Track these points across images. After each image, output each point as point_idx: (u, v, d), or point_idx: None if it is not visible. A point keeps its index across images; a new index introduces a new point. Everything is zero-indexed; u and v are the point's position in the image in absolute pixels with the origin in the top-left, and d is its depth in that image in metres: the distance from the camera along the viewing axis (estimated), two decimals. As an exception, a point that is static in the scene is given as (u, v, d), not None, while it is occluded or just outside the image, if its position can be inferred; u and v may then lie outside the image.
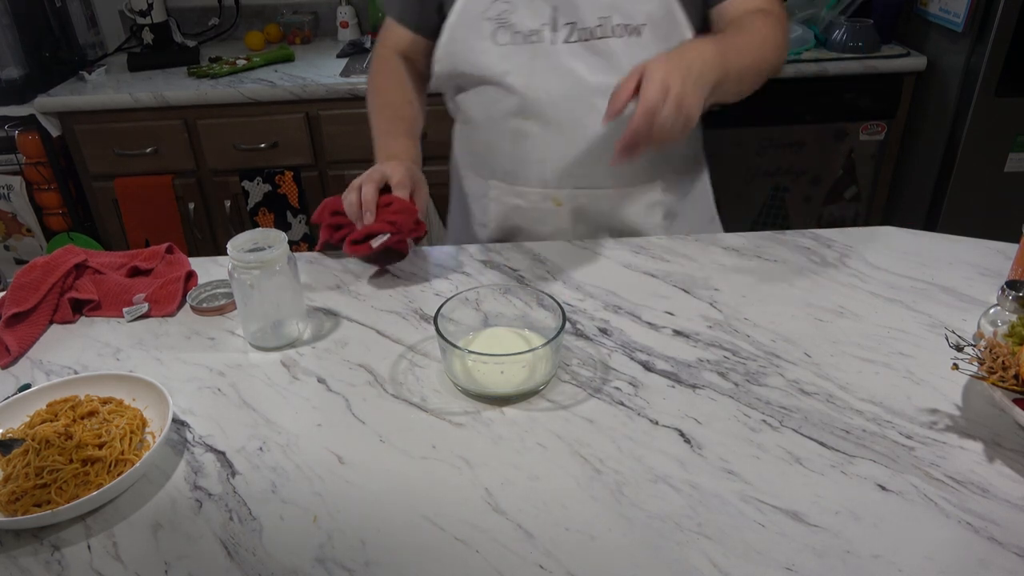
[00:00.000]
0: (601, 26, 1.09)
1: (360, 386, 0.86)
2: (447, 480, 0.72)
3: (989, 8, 2.04)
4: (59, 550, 0.66)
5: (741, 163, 2.36)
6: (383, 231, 1.01)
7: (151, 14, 2.37)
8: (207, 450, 0.77)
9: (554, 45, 1.11)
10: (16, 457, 0.74)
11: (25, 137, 2.16)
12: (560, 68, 1.12)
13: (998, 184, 2.26)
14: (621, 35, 1.10)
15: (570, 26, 1.09)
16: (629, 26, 1.09)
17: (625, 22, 1.09)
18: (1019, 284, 0.84)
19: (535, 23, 1.10)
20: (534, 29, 1.11)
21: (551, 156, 1.18)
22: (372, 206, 1.02)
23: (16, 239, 2.35)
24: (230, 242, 0.89)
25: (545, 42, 1.11)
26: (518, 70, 1.14)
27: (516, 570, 0.63)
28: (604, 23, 1.09)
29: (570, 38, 1.10)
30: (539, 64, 1.13)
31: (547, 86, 1.14)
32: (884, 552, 0.63)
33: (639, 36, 1.10)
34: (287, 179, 2.26)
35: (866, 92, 2.26)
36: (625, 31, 1.09)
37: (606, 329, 0.94)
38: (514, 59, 1.13)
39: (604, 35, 1.10)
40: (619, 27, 1.09)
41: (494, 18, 1.11)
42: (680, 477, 0.71)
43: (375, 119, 1.22)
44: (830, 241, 1.13)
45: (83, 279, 1.03)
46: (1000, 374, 0.72)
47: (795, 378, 0.84)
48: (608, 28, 1.09)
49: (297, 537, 0.67)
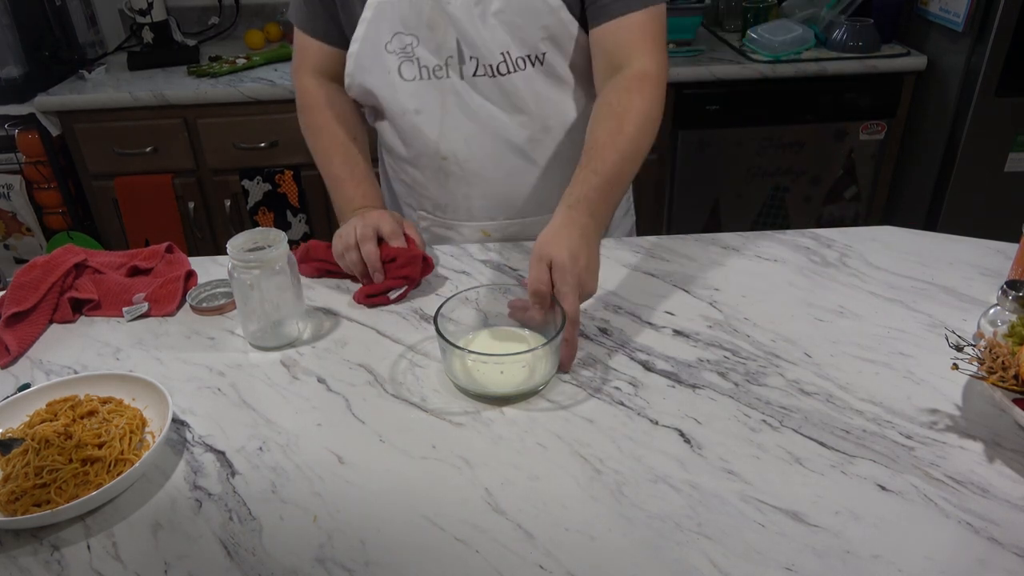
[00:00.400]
0: (504, 62, 1.06)
1: (360, 386, 0.86)
2: (447, 480, 0.72)
3: (989, 8, 2.04)
4: (59, 550, 0.66)
5: (741, 163, 2.36)
6: (399, 285, 1.01)
7: (151, 13, 2.37)
8: (207, 450, 0.77)
9: (463, 80, 1.09)
10: (16, 457, 0.74)
11: (25, 136, 2.16)
12: (470, 107, 1.10)
13: (998, 184, 2.26)
14: (524, 67, 1.07)
15: (475, 60, 1.07)
16: (531, 56, 1.07)
17: (525, 53, 1.06)
18: (1019, 284, 0.84)
19: (439, 58, 1.07)
20: (439, 64, 1.08)
21: (474, 193, 1.18)
22: (379, 266, 1.01)
23: (16, 238, 2.35)
24: (230, 242, 0.88)
25: (452, 78, 1.09)
26: (430, 110, 1.11)
27: (516, 570, 0.63)
28: (506, 58, 1.06)
29: (477, 72, 1.08)
30: (450, 102, 1.10)
31: (461, 127, 1.12)
32: (884, 552, 0.63)
33: (543, 64, 1.08)
34: (287, 178, 2.26)
35: (866, 92, 2.26)
36: (527, 62, 1.07)
37: (606, 329, 0.94)
38: (424, 97, 1.10)
39: (508, 71, 1.07)
40: (520, 59, 1.07)
41: (398, 51, 1.08)
42: (680, 477, 0.71)
43: (325, 165, 1.16)
44: (830, 241, 1.13)
45: (83, 279, 1.03)
46: (1000, 374, 0.72)
47: (795, 378, 0.84)
48: (511, 63, 1.06)
49: (297, 537, 0.67)
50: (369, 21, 1.07)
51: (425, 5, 1.04)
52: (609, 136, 0.97)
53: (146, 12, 2.37)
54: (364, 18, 1.07)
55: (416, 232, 1.06)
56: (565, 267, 0.83)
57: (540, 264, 0.84)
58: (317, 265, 1.08)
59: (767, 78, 2.20)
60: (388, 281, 1.01)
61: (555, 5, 1.03)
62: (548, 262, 0.84)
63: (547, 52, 1.07)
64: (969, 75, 2.13)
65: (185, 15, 2.64)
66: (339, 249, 1.03)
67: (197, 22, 2.67)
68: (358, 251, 1.02)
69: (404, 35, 1.06)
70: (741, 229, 1.18)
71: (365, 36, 1.08)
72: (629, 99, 1.00)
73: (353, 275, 1.05)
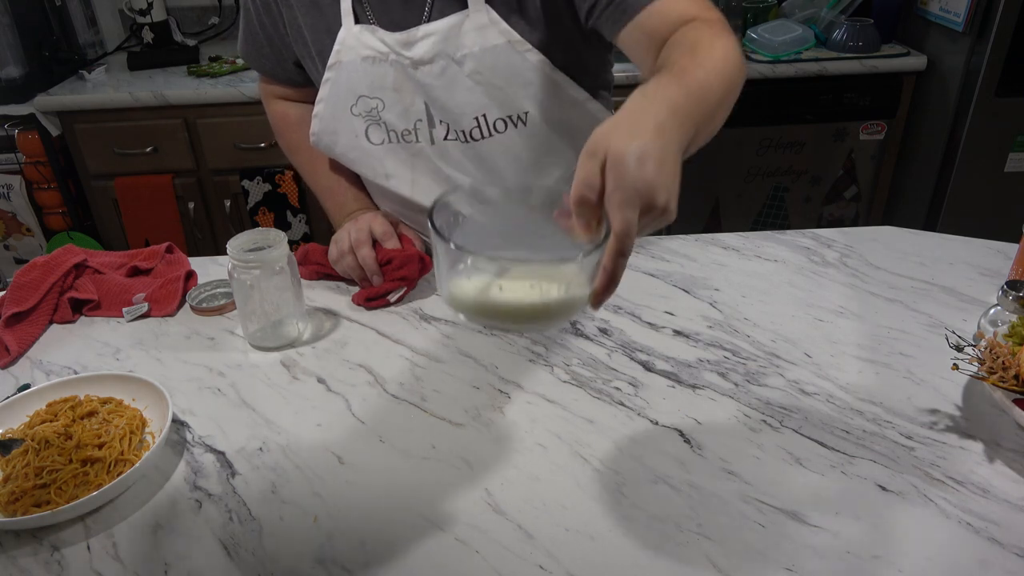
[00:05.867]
0: (478, 127, 0.98)
1: (360, 386, 0.86)
2: (447, 480, 0.72)
3: (989, 8, 2.03)
4: (59, 550, 0.66)
5: (741, 163, 2.36)
6: (398, 287, 1.01)
7: (151, 13, 2.37)
8: (207, 450, 0.77)
9: (434, 145, 1.02)
10: (16, 457, 0.74)
11: (25, 136, 2.16)
12: (443, 173, 1.04)
13: (998, 184, 2.26)
14: (503, 129, 0.98)
15: (446, 124, 0.99)
16: (512, 116, 0.98)
17: (506, 114, 0.97)
18: (1019, 284, 0.84)
19: (408, 122, 1.01)
20: (408, 129, 1.01)
21: None
22: (377, 269, 1.00)
23: (16, 238, 2.35)
24: (230, 242, 0.88)
25: (423, 143, 1.02)
26: (400, 175, 1.06)
27: (516, 570, 0.63)
28: (480, 123, 0.98)
29: (448, 136, 1.00)
30: (420, 167, 1.05)
31: (434, 191, 1.04)
32: (884, 552, 0.63)
33: (524, 125, 0.99)
34: (287, 178, 2.26)
35: (866, 92, 2.26)
36: (507, 123, 0.98)
37: (606, 329, 0.94)
38: (393, 160, 1.05)
39: (483, 136, 0.99)
40: (499, 121, 0.98)
41: (363, 114, 1.01)
42: (680, 477, 0.71)
43: (312, 179, 1.15)
44: (830, 241, 1.13)
45: (83, 279, 1.03)
46: (1000, 374, 0.72)
47: (795, 378, 0.84)
48: (486, 128, 0.98)
49: (297, 537, 0.67)
50: (332, 82, 1.01)
51: (389, 69, 0.97)
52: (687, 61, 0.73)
53: (146, 12, 2.37)
54: (327, 79, 1.01)
55: (412, 232, 1.06)
56: (626, 165, 0.56)
57: (592, 161, 0.58)
58: (315, 268, 1.08)
59: (767, 78, 2.20)
60: (386, 283, 1.01)
61: (535, 61, 0.94)
62: (603, 158, 0.58)
63: (530, 111, 0.98)
64: (969, 75, 2.13)
65: (185, 15, 2.64)
66: (335, 255, 1.03)
67: (197, 22, 2.67)
68: (354, 256, 1.01)
69: (368, 98, 1.00)
70: (741, 229, 1.18)
71: (329, 97, 1.02)
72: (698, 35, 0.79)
73: (351, 278, 1.05)
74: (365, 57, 0.97)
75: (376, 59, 0.97)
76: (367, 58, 0.97)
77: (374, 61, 0.97)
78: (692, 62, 0.73)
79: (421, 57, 0.95)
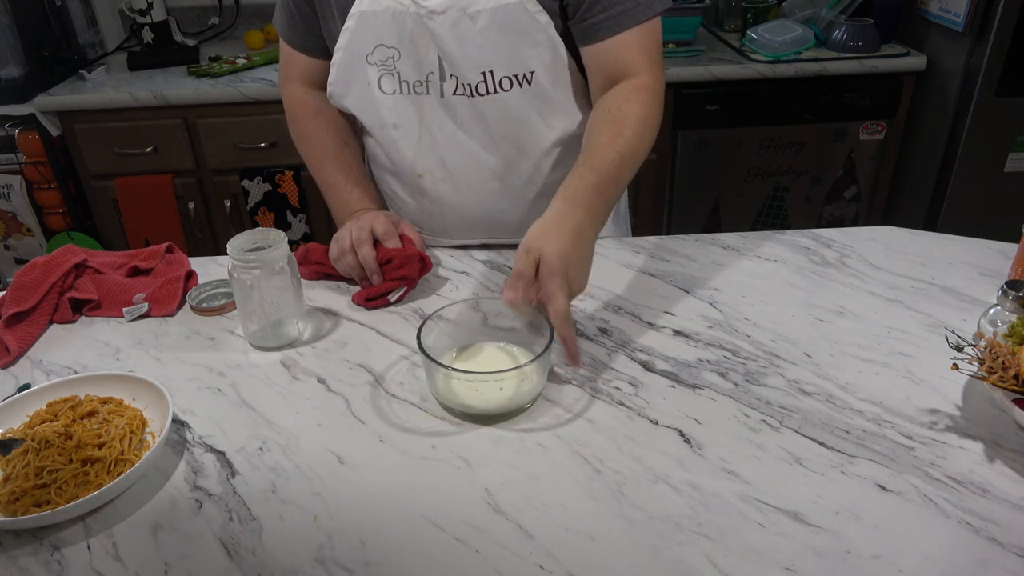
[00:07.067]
0: (484, 83, 1.03)
1: (360, 386, 0.86)
2: (447, 480, 0.72)
3: (989, 8, 2.04)
4: (59, 550, 0.66)
5: (741, 163, 2.36)
6: (398, 287, 1.01)
7: (151, 13, 2.37)
8: (207, 450, 0.77)
9: (443, 99, 1.06)
10: (16, 457, 0.74)
11: (25, 136, 2.16)
12: (447, 127, 1.08)
13: (998, 184, 2.26)
14: (508, 88, 1.04)
15: (455, 79, 1.04)
16: (518, 75, 1.03)
17: (512, 73, 1.03)
18: (1019, 284, 0.84)
19: (420, 74, 1.05)
20: (420, 80, 1.05)
21: (448, 214, 1.17)
22: (377, 268, 1.01)
23: (16, 238, 2.35)
24: (230, 242, 0.88)
25: (432, 96, 1.06)
26: (408, 125, 1.10)
27: (516, 570, 0.63)
28: (487, 79, 1.03)
29: (457, 91, 1.05)
30: (428, 120, 1.09)
31: (437, 146, 1.10)
32: (884, 552, 0.63)
33: (529, 85, 1.04)
34: (287, 178, 2.26)
35: (866, 92, 2.26)
36: (512, 82, 1.04)
37: (606, 329, 0.94)
38: (403, 112, 1.09)
39: (488, 91, 1.04)
40: (505, 79, 1.03)
41: (379, 64, 1.05)
42: (680, 477, 0.71)
43: (318, 172, 1.16)
44: (830, 241, 1.13)
45: (83, 279, 1.03)
46: (1000, 374, 0.72)
47: (795, 378, 0.84)
48: (492, 84, 1.03)
49: (297, 537, 0.67)
50: (352, 31, 1.04)
51: (408, 20, 1.01)
52: (608, 139, 0.95)
53: (146, 12, 2.37)
54: (347, 27, 1.04)
55: (414, 231, 1.06)
56: (553, 266, 0.79)
57: (528, 257, 0.81)
58: (315, 268, 1.08)
59: (767, 78, 2.20)
60: (387, 283, 1.01)
61: (544, 22, 0.99)
62: (536, 256, 0.81)
63: (536, 71, 1.03)
64: (969, 75, 2.13)
65: (185, 15, 2.64)
66: (335, 253, 1.03)
67: (197, 22, 2.67)
68: (354, 255, 1.01)
69: (386, 47, 1.04)
70: (741, 229, 1.18)
71: (347, 45, 1.06)
72: (628, 107, 0.98)
73: (351, 278, 1.05)
74: (385, 8, 1.01)
75: (396, 11, 1.01)
76: (387, 9, 1.01)
77: (394, 13, 1.01)
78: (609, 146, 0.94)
79: (435, 7, 0.99)
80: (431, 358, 0.78)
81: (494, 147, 1.10)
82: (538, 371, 0.79)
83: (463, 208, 1.16)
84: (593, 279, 1.05)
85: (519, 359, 0.85)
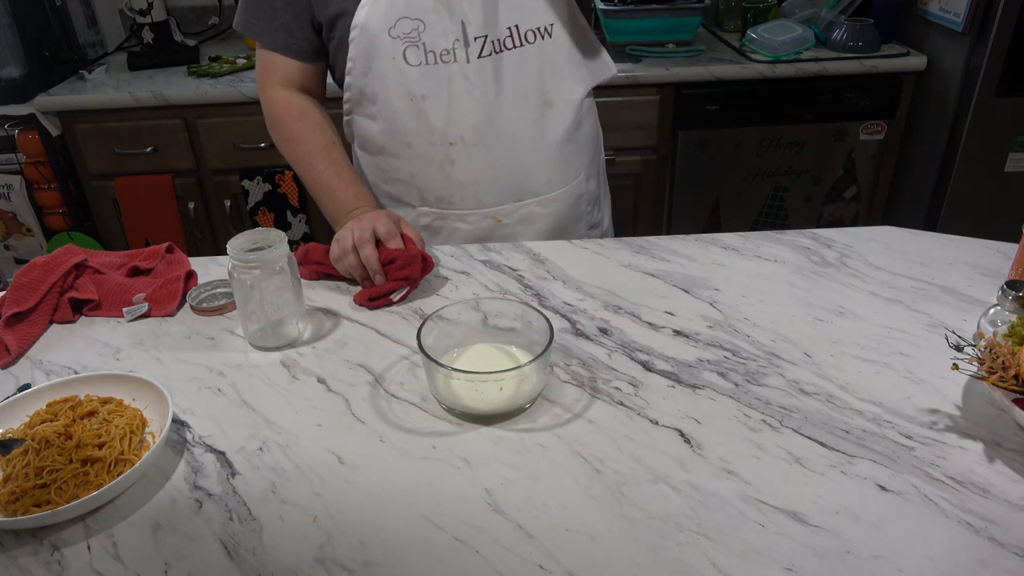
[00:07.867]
0: (511, 36, 1.08)
1: (360, 386, 0.86)
2: (447, 480, 0.72)
3: (989, 8, 2.04)
4: (59, 550, 0.66)
5: (741, 163, 2.36)
6: (400, 287, 1.01)
7: (151, 13, 2.37)
8: (207, 450, 0.77)
9: (469, 63, 1.09)
10: (16, 457, 0.74)
11: (25, 136, 2.16)
12: (477, 89, 1.10)
13: (998, 184, 2.26)
14: (533, 40, 1.10)
15: (481, 39, 1.07)
16: (540, 28, 1.09)
17: (536, 25, 1.09)
18: (1019, 284, 0.84)
19: (447, 41, 1.07)
20: (447, 48, 1.07)
21: (482, 178, 1.17)
22: (379, 268, 1.01)
23: (16, 238, 2.35)
24: (230, 242, 0.88)
25: (459, 61, 1.08)
26: (436, 95, 1.10)
27: (516, 570, 0.63)
28: (514, 32, 1.07)
29: (483, 53, 1.08)
30: (456, 86, 1.10)
31: (468, 110, 1.11)
32: (884, 552, 0.63)
33: (550, 36, 1.11)
34: (287, 178, 2.26)
35: (866, 92, 2.26)
36: (536, 34, 1.09)
37: (606, 329, 0.94)
38: (431, 82, 1.10)
39: (514, 45, 1.09)
40: (530, 32, 1.08)
41: (402, 36, 1.06)
42: (680, 477, 0.71)
43: (309, 173, 1.15)
44: (830, 241, 1.13)
45: (83, 279, 1.03)
46: (1000, 374, 0.72)
47: (795, 378, 0.84)
48: (518, 38, 1.08)
49: (297, 537, 0.67)
50: (370, 6, 1.05)
51: None
52: None
53: (146, 12, 2.37)
54: (364, 3, 1.05)
55: (414, 231, 1.06)
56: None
57: None
58: (315, 268, 1.08)
59: (767, 78, 2.20)
60: (389, 283, 1.01)
61: None
62: None
63: (554, 23, 1.09)
64: (969, 75, 2.13)
65: (185, 15, 2.64)
66: (336, 253, 1.03)
67: (197, 22, 2.67)
68: (356, 255, 1.01)
69: (410, 20, 1.05)
70: (741, 229, 1.19)
71: (366, 21, 1.06)
72: None
73: (352, 278, 1.05)
74: None
75: None
76: None
77: None
78: None
79: None
80: (431, 358, 0.78)
81: (523, 102, 1.13)
82: (538, 371, 0.80)
83: (497, 170, 1.17)
84: (593, 279, 1.06)
85: (519, 359, 0.85)
